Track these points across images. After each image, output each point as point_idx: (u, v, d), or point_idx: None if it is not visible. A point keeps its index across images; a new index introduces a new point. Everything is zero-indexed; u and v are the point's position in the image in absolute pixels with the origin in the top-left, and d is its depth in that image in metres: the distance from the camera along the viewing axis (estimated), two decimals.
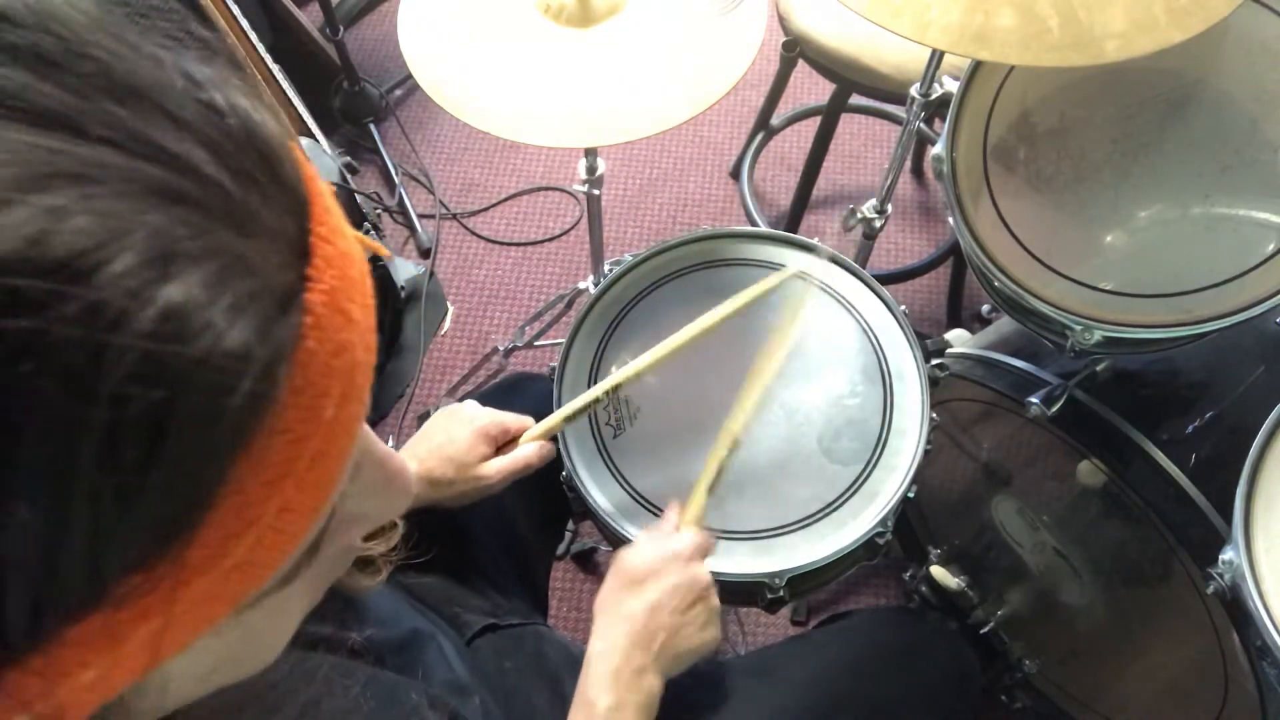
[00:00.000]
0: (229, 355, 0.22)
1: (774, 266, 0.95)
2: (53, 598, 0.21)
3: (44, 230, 0.20)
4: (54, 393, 0.20)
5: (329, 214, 0.28)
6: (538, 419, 0.82)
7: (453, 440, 0.77)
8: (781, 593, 0.79)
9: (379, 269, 1.54)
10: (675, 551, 0.70)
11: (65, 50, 0.23)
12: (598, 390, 0.80)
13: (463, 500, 0.78)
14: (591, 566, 1.50)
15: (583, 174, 1.10)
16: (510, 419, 0.80)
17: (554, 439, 0.82)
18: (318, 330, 0.26)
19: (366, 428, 0.31)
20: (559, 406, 0.86)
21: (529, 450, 0.79)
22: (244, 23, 1.30)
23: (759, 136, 1.89)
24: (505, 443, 0.80)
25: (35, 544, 0.21)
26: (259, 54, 1.34)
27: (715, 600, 0.71)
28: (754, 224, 1.81)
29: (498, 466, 0.77)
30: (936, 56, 1.00)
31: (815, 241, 0.95)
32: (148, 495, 0.22)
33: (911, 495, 0.83)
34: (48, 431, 0.20)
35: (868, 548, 0.83)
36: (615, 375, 0.81)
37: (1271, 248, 0.84)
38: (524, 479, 0.92)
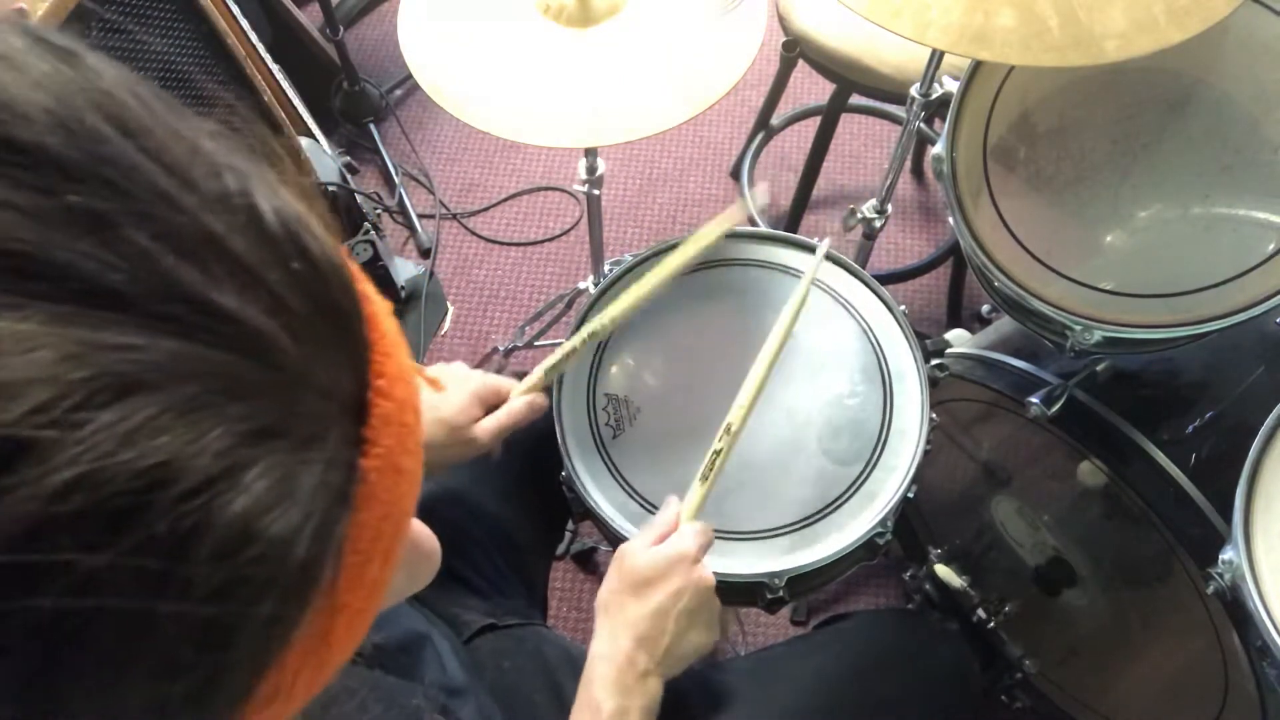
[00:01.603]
0: (291, 578, 0.21)
1: (774, 266, 0.95)
2: None
3: (87, 473, 0.17)
4: (101, 657, 0.18)
5: (389, 358, 0.26)
6: (540, 419, 0.82)
7: (445, 401, 0.75)
8: (781, 593, 0.79)
9: (379, 269, 1.55)
10: (680, 554, 0.69)
11: (130, 210, 0.20)
12: (575, 340, 0.80)
13: (453, 462, 0.77)
14: (591, 566, 1.49)
15: (583, 174, 1.10)
16: (501, 380, 0.79)
17: (547, 392, 0.81)
18: (370, 500, 0.24)
19: None
20: (558, 407, 0.87)
21: (518, 405, 0.78)
22: (244, 23, 1.30)
23: (759, 136, 1.89)
24: (495, 404, 0.79)
25: None
26: (259, 54, 1.34)
27: (717, 602, 0.70)
28: (754, 224, 1.81)
29: (489, 425, 0.76)
30: (936, 56, 1.00)
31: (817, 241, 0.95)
32: (202, 708, 0.21)
33: (911, 495, 0.83)
34: (95, 693, 0.19)
35: (868, 548, 0.83)
36: (592, 322, 0.81)
37: (1271, 248, 0.84)
38: (524, 479, 0.92)
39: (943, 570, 1.26)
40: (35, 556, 0.17)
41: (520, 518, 0.92)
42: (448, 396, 0.76)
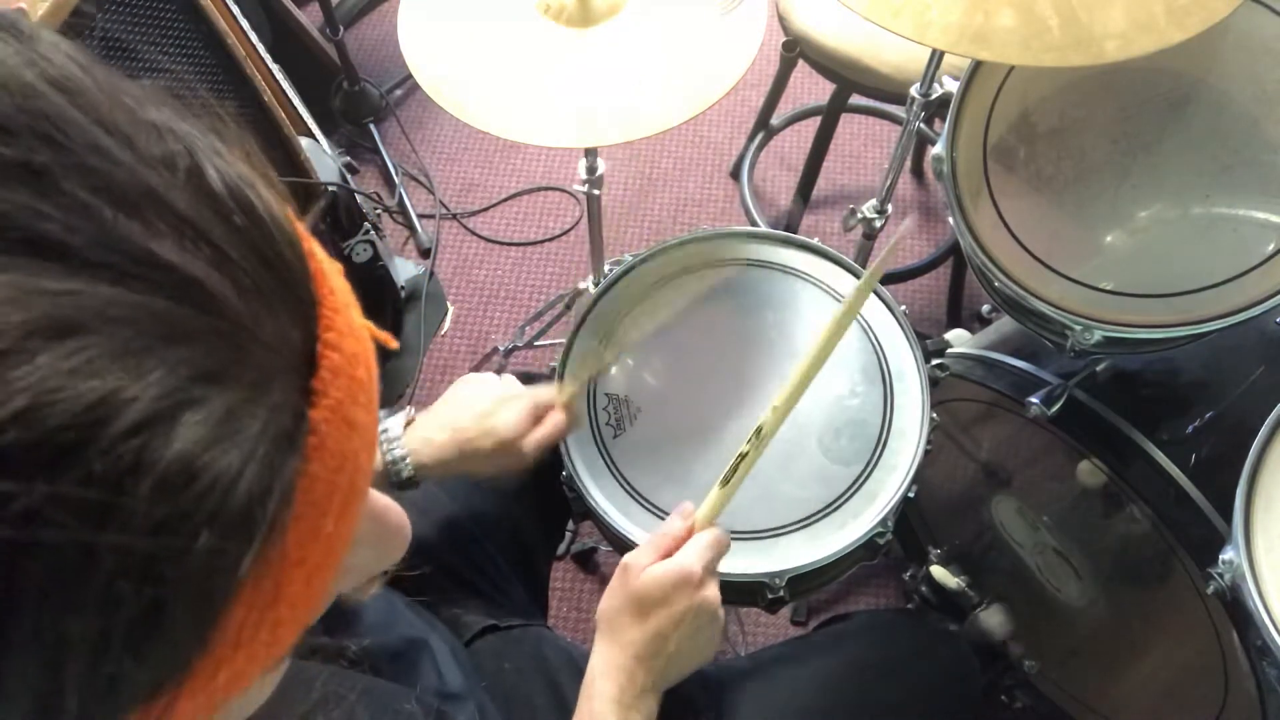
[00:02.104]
0: (235, 521, 0.21)
1: (774, 266, 0.95)
2: None
3: (27, 408, 0.18)
4: (40, 599, 0.19)
5: (338, 313, 0.26)
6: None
7: (498, 414, 0.76)
8: (781, 593, 0.79)
9: (379, 269, 1.54)
10: (685, 576, 0.65)
11: (65, 162, 0.20)
12: (607, 355, 0.82)
13: (497, 472, 0.77)
14: (591, 566, 1.50)
15: (583, 174, 1.10)
16: (548, 392, 0.80)
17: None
18: (320, 450, 0.24)
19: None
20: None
21: (560, 420, 0.79)
22: (244, 23, 1.30)
23: (759, 136, 1.89)
24: (543, 416, 0.80)
25: None
26: (259, 54, 1.34)
27: (722, 616, 0.69)
28: (754, 224, 1.81)
29: (536, 438, 0.77)
30: (936, 56, 1.00)
31: (816, 241, 0.95)
32: (139, 671, 0.21)
33: (912, 495, 0.83)
34: (33, 641, 0.19)
35: (868, 548, 0.83)
36: (625, 339, 0.83)
37: (1271, 248, 0.84)
38: (524, 480, 0.92)
39: (939, 572, 1.26)
40: None
41: (521, 518, 0.92)
42: (502, 410, 0.76)
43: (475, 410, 0.76)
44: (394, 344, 0.32)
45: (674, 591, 0.65)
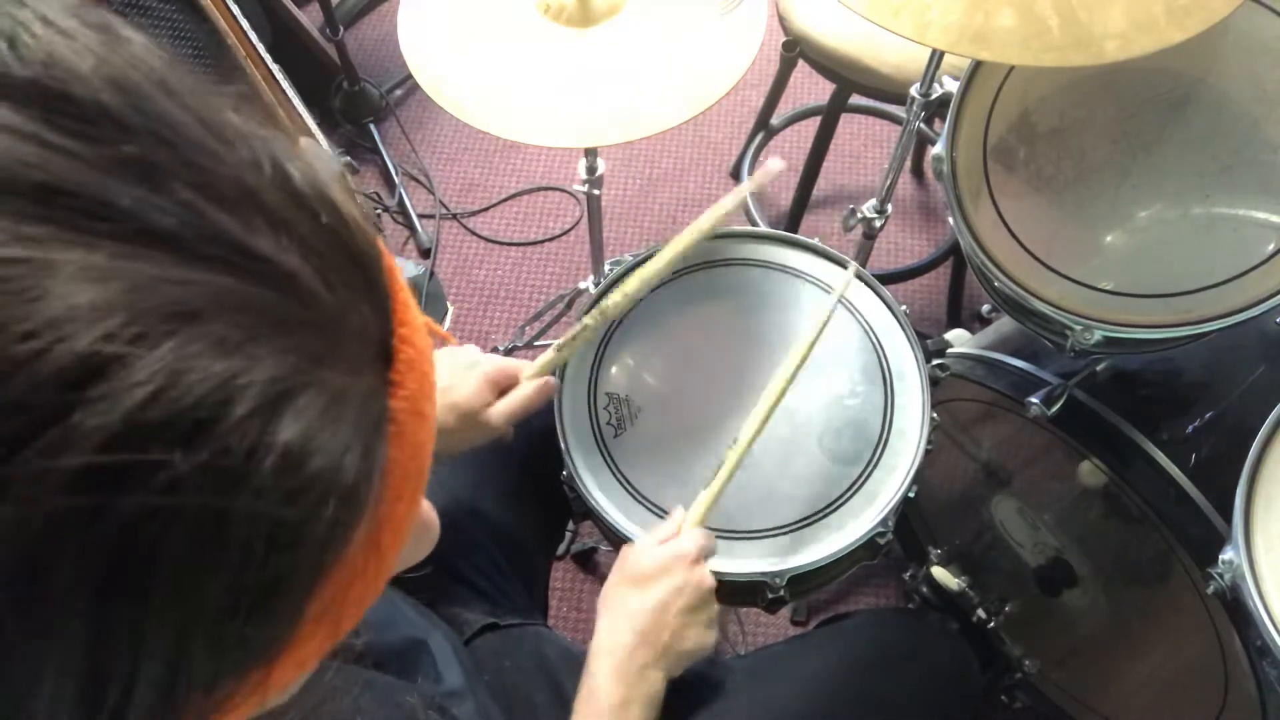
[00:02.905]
0: (342, 499, 0.22)
1: (774, 266, 0.95)
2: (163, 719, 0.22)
3: (165, 386, 0.19)
4: (181, 556, 0.20)
5: (408, 309, 0.28)
6: (540, 418, 0.82)
7: (457, 387, 0.76)
8: (781, 593, 0.79)
9: None
10: (681, 553, 0.71)
11: (176, 159, 0.22)
12: (587, 318, 0.81)
13: (465, 446, 0.78)
14: (591, 566, 1.49)
15: (583, 174, 1.10)
16: (512, 362, 0.79)
17: (555, 374, 0.82)
18: (400, 438, 0.26)
19: None
20: (560, 406, 0.87)
21: (529, 389, 0.77)
22: (244, 23, 1.30)
23: (759, 136, 1.89)
24: (507, 386, 0.79)
25: (155, 691, 0.21)
26: (259, 54, 1.34)
27: (716, 605, 0.72)
28: (754, 224, 1.81)
29: (501, 410, 0.76)
30: (936, 56, 1.00)
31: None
32: (260, 634, 0.23)
33: (912, 495, 0.83)
34: (174, 593, 0.20)
35: (868, 548, 0.83)
36: (605, 301, 0.81)
37: (1271, 248, 0.84)
38: (524, 479, 0.92)
39: (940, 573, 1.26)
40: (123, 457, 0.19)
41: (521, 517, 0.92)
42: (460, 382, 0.76)
43: (438, 387, 0.76)
44: (453, 340, 0.33)
45: (672, 564, 0.70)
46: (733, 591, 0.80)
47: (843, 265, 0.95)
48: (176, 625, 0.20)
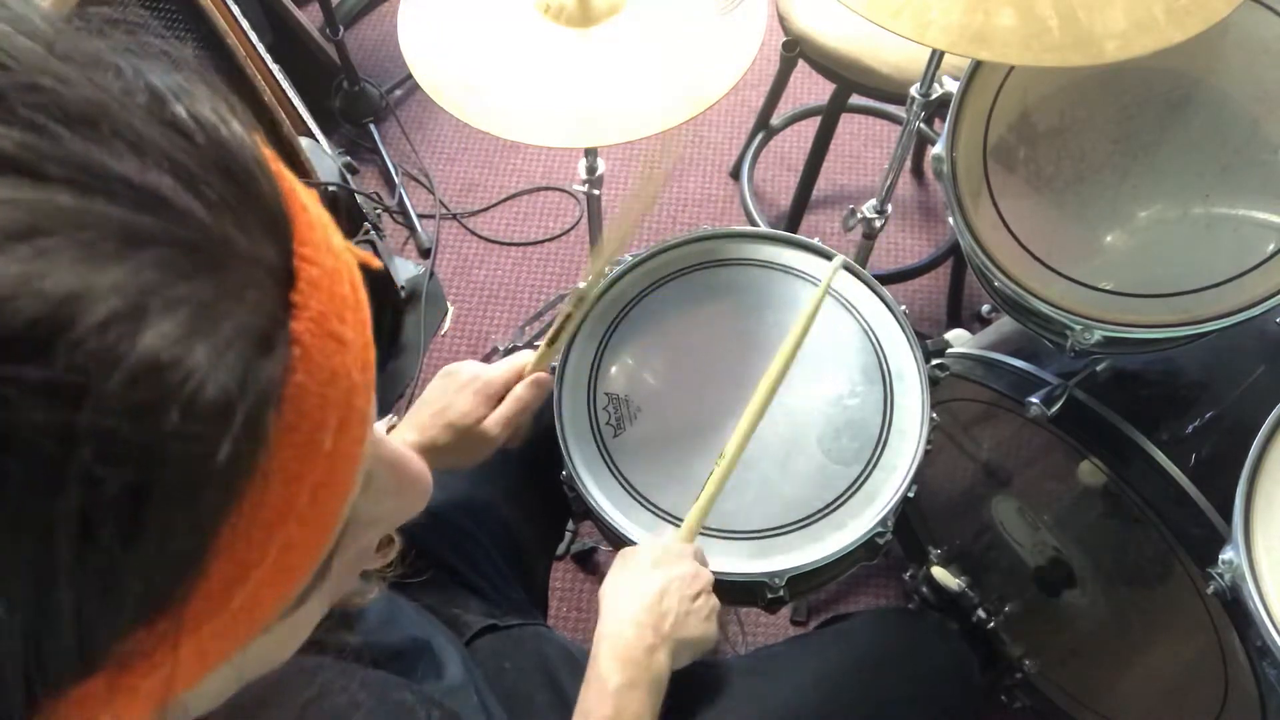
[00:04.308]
0: (209, 413, 0.21)
1: (774, 266, 0.95)
2: (46, 679, 0.21)
3: (6, 295, 0.18)
4: (23, 483, 0.19)
5: (313, 229, 0.27)
6: (540, 418, 0.82)
7: (452, 405, 0.78)
8: (781, 593, 0.79)
9: (379, 269, 1.54)
10: (681, 548, 0.74)
11: (15, 82, 0.21)
12: (567, 305, 0.82)
13: (472, 461, 0.80)
14: (591, 566, 1.50)
15: (583, 174, 1.10)
16: (505, 372, 0.81)
17: (550, 374, 0.84)
18: (306, 361, 0.24)
19: (379, 431, 0.31)
20: (559, 406, 0.87)
21: (522, 391, 0.80)
22: (244, 23, 1.30)
23: (759, 136, 1.89)
24: (502, 395, 0.81)
25: (19, 639, 0.20)
26: (259, 54, 1.34)
27: (716, 599, 0.73)
28: (754, 224, 1.81)
29: (497, 418, 0.78)
30: (936, 56, 1.00)
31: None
32: (133, 569, 0.21)
33: (911, 495, 0.83)
34: (18, 525, 0.19)
35: (868, 548, 0.83)
36: (584, 285, 0.83)
37: (1271, 248, 0.84)
38: (524, 479, 0.92)
39: (940, 573, 1.26)
40: None
41: (521, 518, 0.92)
42: (454, 400, 0.78)
43: (434, 408, 0.78)
44: (376, 263, 0.33)
45: (672, 553, 0.73)
46: (733, 591, 0.80)
47: (843, 265, 0.95)
48: (33, 546, 0.20)
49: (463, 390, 0.79)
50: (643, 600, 0.69)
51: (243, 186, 0.24)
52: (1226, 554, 0.76)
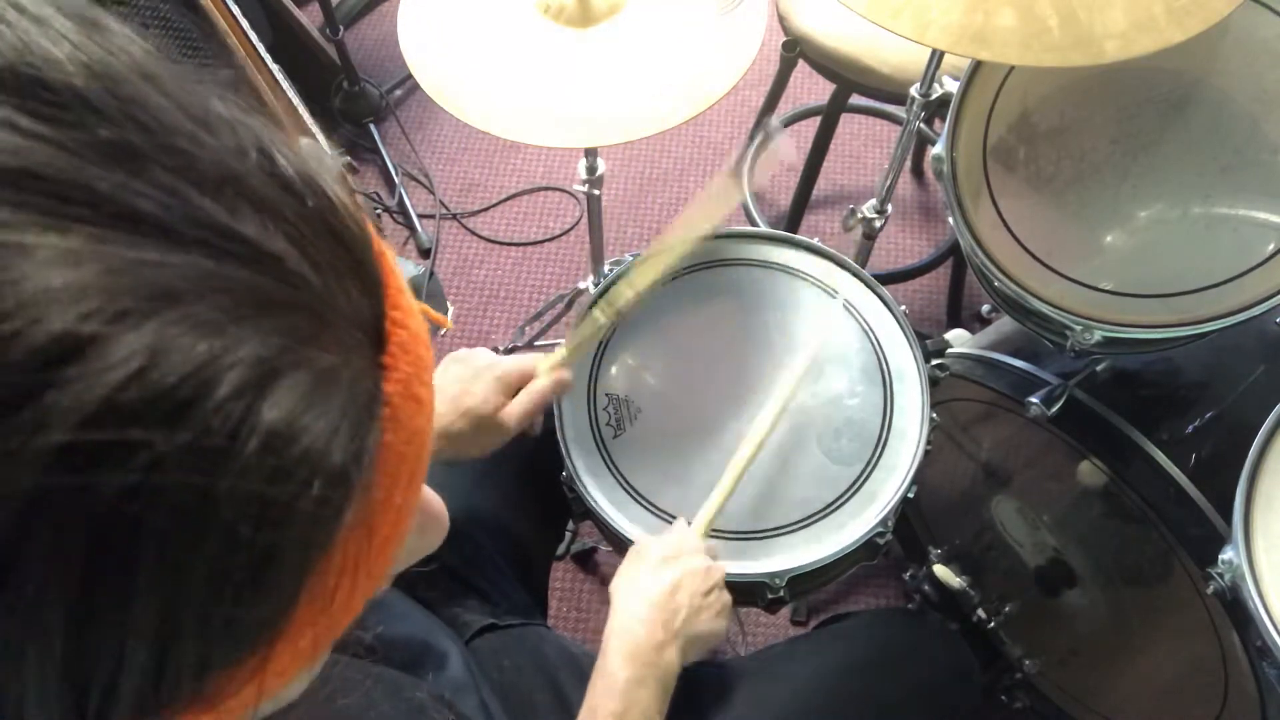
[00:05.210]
0: (333, 476, 0.22)
1: (774, 266, 0.95)
2: (155, 709, 0.22)
3: (145, 366, 0.19)
4: (166, 536, 0.20)
5: (402, 293, 0.27)
6: (541, 418, 0.82)
7: (470, 392, 0.75)
8: (781, 593, 0.79)
9: None
10: (695, 543, 0.75)
11: (155, 144, 0.21)
12: (596, 312, 0.82)
13: (483, 450, 0.77)
14: (591, 566, 1.49)
15: (583, 174, 1.10)
16: (526, 362, 0.79)
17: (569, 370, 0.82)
18: (394, 422, 0.25)
19: None
20: (559, 407, 0.87)
21: (543, 385, 0.77)
22: (244, 23, 1.30)
23: (759, 136, 1.89)
24: (520, 386, 0.79)
25: (144, 677, 0.21)
26: (259, 54, 1.34)
27: (728, 595, 0.74)
28: (754, 224, 1.81)
29: (515, 410, 0.76)
30: (936, 56, 1.00)
31: (816, 242, 0.95)
32: (250, 618, 0.22)
33: (911, 495, 0.83)
34: (159, 574, 0.20)
35: (868, 548, 0.83)
36: (613, 296, 0.83)
37: (1271, 248, 0.84)
38: (524, 480, 0.92)
39: (941, 571, 1.26)
40: (102, 435, 0.19)
41: (521, 518, 0.92)
42: (471, 388, 0.76)
43: (447, 395, 0.76)
44: (448, 324, 0.33)
45: (683, 551, 0.73)
46: (733, 592, 0.80)
47: (843, 266, 0.95)
48: (161, 607, 0.20)
49: (479, 377, 0.76)
50: (654, 597, 0.69)
51: (347, 249, 0.25)
52: (1226, 554, 0.76)
